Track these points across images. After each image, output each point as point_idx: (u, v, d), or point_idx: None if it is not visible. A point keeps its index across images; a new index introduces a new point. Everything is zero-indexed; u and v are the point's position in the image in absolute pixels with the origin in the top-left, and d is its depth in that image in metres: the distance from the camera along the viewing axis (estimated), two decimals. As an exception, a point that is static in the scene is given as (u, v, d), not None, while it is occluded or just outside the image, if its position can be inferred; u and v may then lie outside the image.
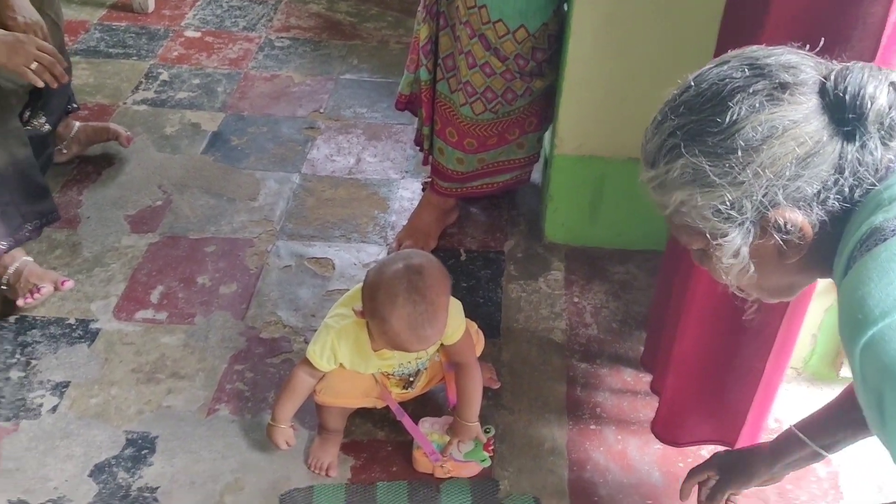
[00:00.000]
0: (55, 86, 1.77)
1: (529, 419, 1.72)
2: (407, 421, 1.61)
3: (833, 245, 0.91)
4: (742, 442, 1.54)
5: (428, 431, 1.62)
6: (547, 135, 2.14)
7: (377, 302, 1.40)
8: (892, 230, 0.83)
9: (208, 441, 1.65)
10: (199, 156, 2.44)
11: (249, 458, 1.62)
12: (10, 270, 1.87)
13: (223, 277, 2.03)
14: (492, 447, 1.63)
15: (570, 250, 2.13)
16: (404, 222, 2.17)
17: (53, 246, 2.08)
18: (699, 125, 0.90)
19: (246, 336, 1.88)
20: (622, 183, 1.99)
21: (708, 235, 0.93)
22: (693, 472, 1.45)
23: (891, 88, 0.87)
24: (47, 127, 2.03)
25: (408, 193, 2.32)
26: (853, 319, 0.83)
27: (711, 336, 1.44)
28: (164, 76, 2.73)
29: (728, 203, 0.90)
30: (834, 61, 0.92)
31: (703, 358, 1.48)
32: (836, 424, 1.26)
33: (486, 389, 1.74)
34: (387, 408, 1.64)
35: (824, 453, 1.28)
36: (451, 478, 1.60)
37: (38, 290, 1.85)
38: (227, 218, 2.21)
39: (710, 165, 0.89)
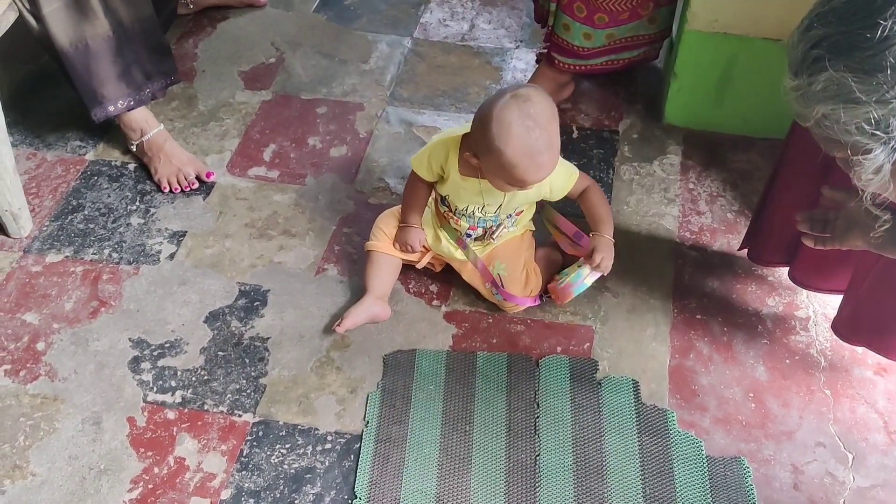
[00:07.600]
0: None
1: (633, 303, 1.69)
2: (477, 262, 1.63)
3: None
4: None
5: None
6: (677, 9, 2.01)
7: (490, 136, 1.39)
8: None
9: (317, 299, 1.69)
10: (311, 14, 2.40)
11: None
12: (145, 139, 1.91)
13: (333, 140, 2.03)
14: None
15: (689, 134, 2.04)
16: (517, 94, 2.10)
17: (170, 97, 2.11)
18: (847, 38, 0.85)
19: (354, 200, 1.89)
20: (754, 64, 1.86)
21: (850, 150, 0.91)
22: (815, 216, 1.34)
23: None
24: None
25: (521, 64, 2.24)
26: None
27: None
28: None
29: (873, 121, 0.86)
30: None
31: None
32: None
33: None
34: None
35: None
36: (550, 354, 1.61)
37: (189, 184, 1.90)
38: (338, 80, 2.19)
39: (855, 82, 0.85)
